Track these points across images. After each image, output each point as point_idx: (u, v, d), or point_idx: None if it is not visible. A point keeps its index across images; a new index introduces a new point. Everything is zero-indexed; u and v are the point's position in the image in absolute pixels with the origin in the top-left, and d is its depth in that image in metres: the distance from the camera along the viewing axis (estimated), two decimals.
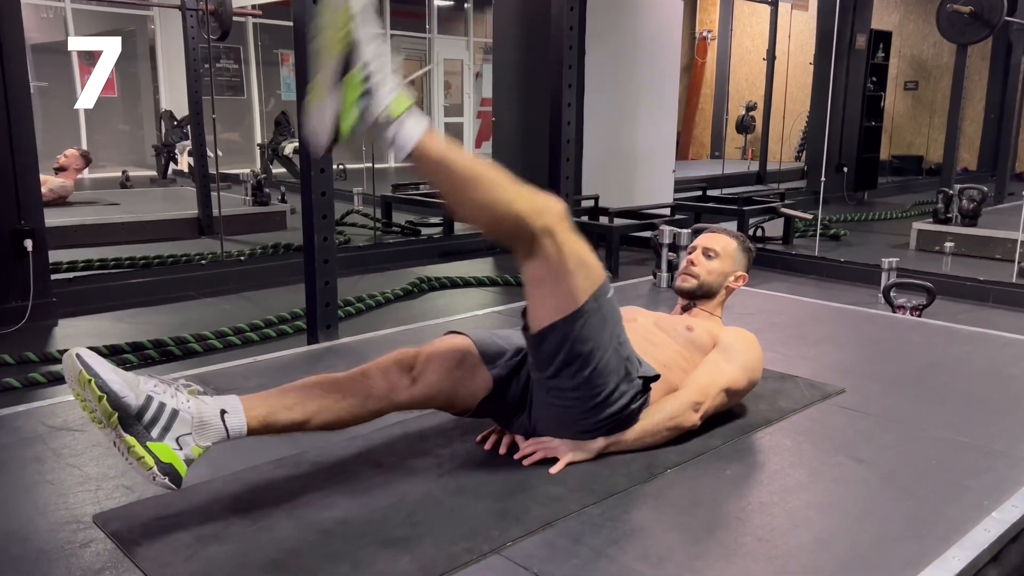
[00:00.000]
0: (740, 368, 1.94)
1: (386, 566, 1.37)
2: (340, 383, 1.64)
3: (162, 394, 1.44)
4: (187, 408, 1.45)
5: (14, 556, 1.40)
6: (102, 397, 1.38)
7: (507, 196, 1.53)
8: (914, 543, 1.47)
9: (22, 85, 3.47)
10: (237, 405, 1.52)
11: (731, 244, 2.19)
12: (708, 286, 2.16)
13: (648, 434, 1.78)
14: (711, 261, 2.16)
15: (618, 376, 1.70)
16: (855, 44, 8.10)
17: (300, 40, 2.59)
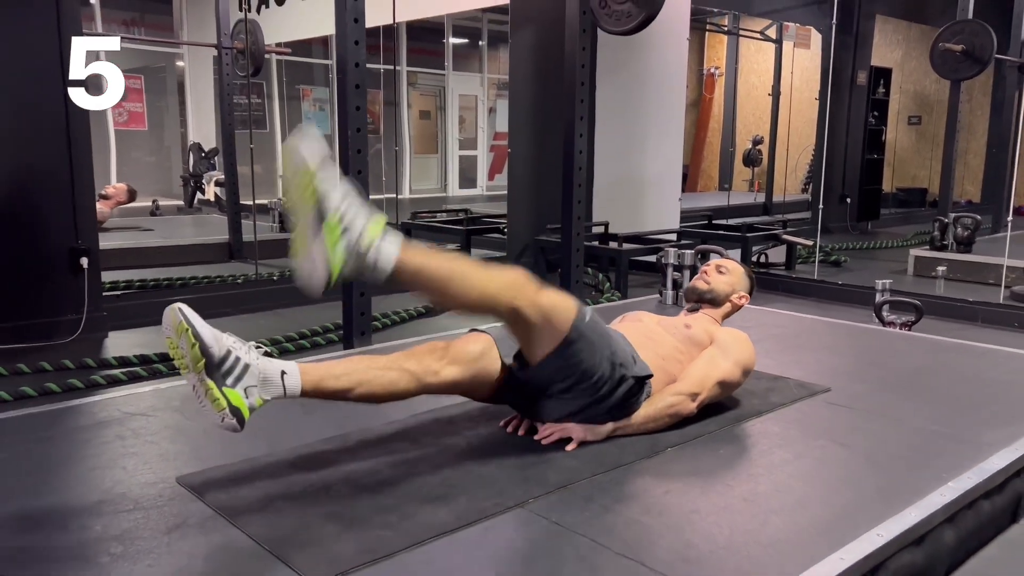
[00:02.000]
0: (734, 363, 2.20)
1: (427, 516, 1.62)
2: (381, 363, 1.89)
3: (238, 350, 1.68)
4: (256, 364, 1.70)
5: (116, 509, 1.66)
6: (195, 344, 1.62)
7: (479, 285, 1.79)
8: (880, 505, 1.71)
9: (82, 116, 3.80)
10: (295, 369, 1.77)
11: (739, 268, 2.58)
12: (717, 293, 2.48)
13: (651, 419, 2.04)
14: (723, 275, 2.52)
15: (613, 382, 1.97)
16: (856, 80, 8.42)
17: (343, 75, 2.89)
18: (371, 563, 1.44)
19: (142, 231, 6.58)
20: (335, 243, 1.66)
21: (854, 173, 8.42)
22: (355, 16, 2.87)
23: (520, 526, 1.60)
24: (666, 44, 5.96)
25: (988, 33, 5.95)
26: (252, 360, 1.69)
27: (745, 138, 11.97)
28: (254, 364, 1.69)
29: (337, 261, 1.67)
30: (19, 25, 3.58)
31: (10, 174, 3.66)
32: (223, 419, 1.63)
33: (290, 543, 1.50)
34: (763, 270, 5.86)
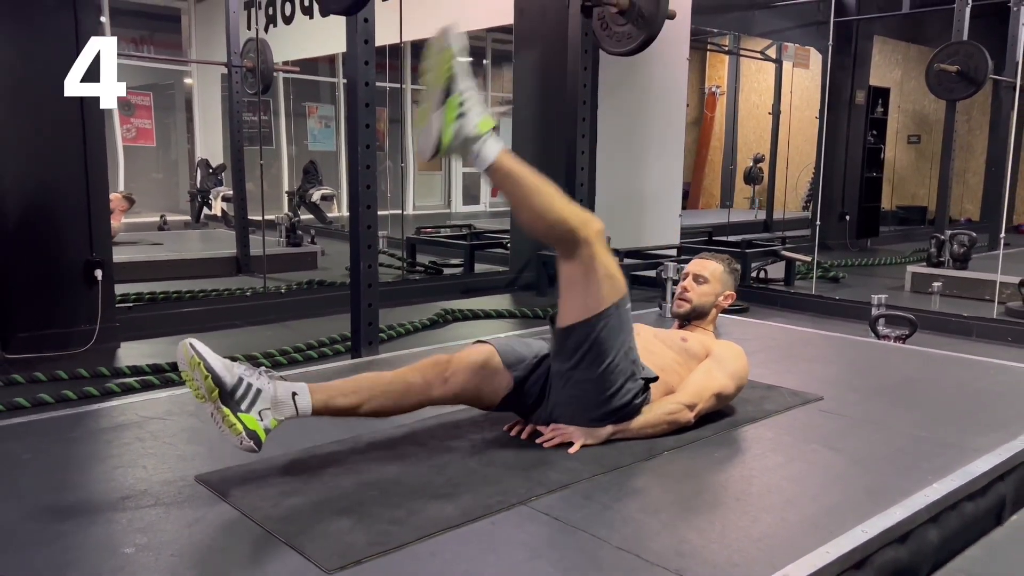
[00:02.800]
0: (730, 376, 2.28)
1: (434, 512, 1.70)
2: (387, 379, 2.01)
3: (249, 376, 1.82)
4: (268, 388, 1.83)
5: (139, 505, 1.75)
6: (207, 376, 1.76)
7: (560, 206, 1.93)
8: (867, 504, 1.79)
9: (98, 131, 3.91)
10: (305, 390, 1.89)
11: (718, 268, 2.52)
12: (700, 308, 2.50)
13: (649, 425, 2.12)
14: (702, 286, 2.49)
15: (625, 375, 2.05)
16: (855, 100, 8.54)
17: (352, 93, 3.00)
18: (381, 554, 1.52)
19: (150, 245, 6.69)
20: (452, 120, 1.84)
21: (853, 191, 8.53)
22: (365, 37, 2.98)
23: (523, 522, 1.68)
24: (667, 64, 6.08)
25: (983, 54, 6.06)
26: (263, 384, 1.81)
27: (746, 156, 12.08)
28: (266, 388, 1.81)
29: (448, 136, 1.84)
30: (38, 42, 3.70)
31: (29, 188, 3.76)
32: (241, 442, 1.76)
33: (304, 535, 1.59)
34: (762, 285, 5.94)
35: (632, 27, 3.73)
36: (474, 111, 1.85)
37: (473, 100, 1.87)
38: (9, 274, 3.72)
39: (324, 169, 9.26)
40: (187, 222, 9.22)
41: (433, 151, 1.86)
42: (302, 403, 1.87)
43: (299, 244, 6.84)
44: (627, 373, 2.06)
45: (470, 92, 1.87)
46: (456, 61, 1.86)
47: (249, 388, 1.80)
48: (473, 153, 1.86)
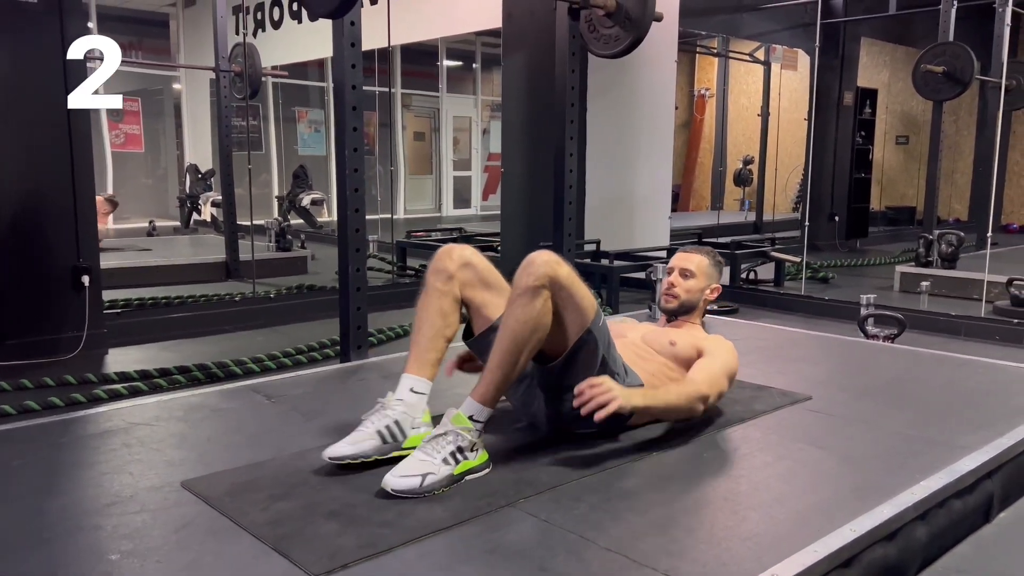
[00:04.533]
0: (725, 375, 2.26)
1: (423, 514, 1.70)
2: (425, 305, 2.09)
3: (378, 422, 1.93)
4: (398, 412, 1.95)
5: (125, 511, 1.73)
6: (361, 461, 1.90)
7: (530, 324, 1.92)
8: (855, 501, 1.80)
9: (84, 139, 3.90)
10: (412, 379, 2.00)
11: (703, 262, 2.46)
12: (688, 303, 2.46)
13: (671, 410, 2.10)
14: (688, 280, 2.44)
15: (618, 366, 2.08)
16: (843, 101, 8.59)
17: (340, 96, 3.00)
18: (370, 557, 1.52)
19: (140, 251, 6.66)
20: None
21: (842, 192, 8.57)
22: (352, 40, 2.97)
23: (512, 523, 1.68)
24: (655, 66, 6.10)
25: (968, 55, 6.10)
26: (392, 414, 1.95)
27: (736, 158, 12.13)
28: (396, 413, 1.95)
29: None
30: (24, 48, 3.68)
31: (15, 193, 3.74)
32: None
33: (292, 539, 1.58)
34: (752, 286, 5.96)
35: (619, 29, 3.74)
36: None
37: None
38: None
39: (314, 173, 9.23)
40: (177, 227, 9.17)
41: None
42: (421, 388, 2.00)
43: (289, 249, 6.83)
44: (619, 371, 2.09)
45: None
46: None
47: (390, 430, 1.93)
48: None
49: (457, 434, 1.84)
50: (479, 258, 2.18)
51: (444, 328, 2.07)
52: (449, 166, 12.93)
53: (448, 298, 2.10)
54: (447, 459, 1.81)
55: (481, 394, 1.90)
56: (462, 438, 1.84)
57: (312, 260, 6.74)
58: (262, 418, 2.43)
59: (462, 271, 2.12)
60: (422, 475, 1.77)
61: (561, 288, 1.94)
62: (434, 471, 1.78)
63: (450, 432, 1.84)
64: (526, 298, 1.91)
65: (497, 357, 1.91)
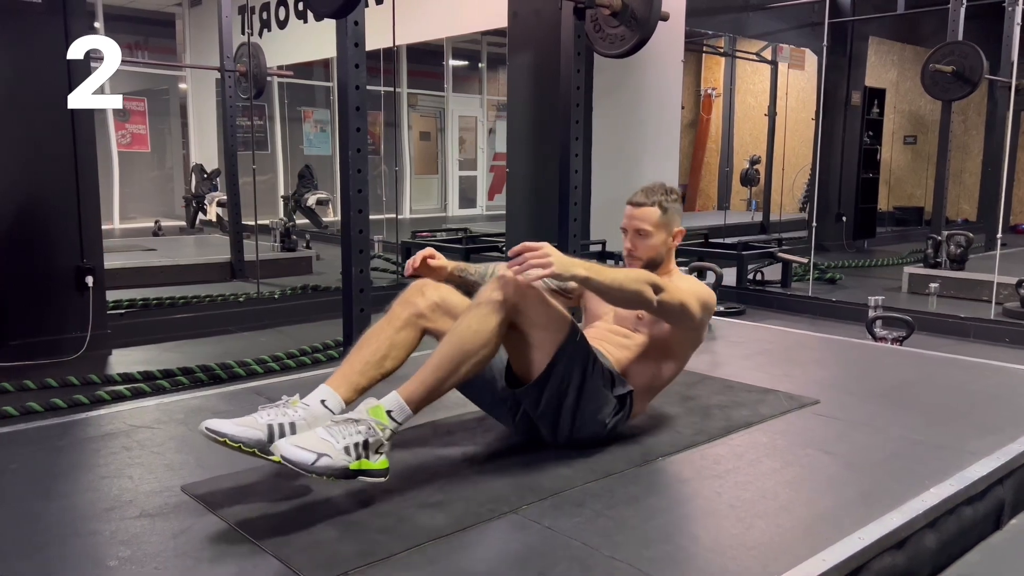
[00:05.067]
0: (692, 295, 2.07)
1: (425, 520, 1.68)
2: (379, 330, 1.97)
3: (274, 416, 1.77)
4: (298, 416, 1.79)
5: (124, 516, 1.72)
6: (238, 446, 1.72)
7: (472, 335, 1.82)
8: (863, 509, 1.77)
9: (88, 139, 3.89)
10: (328, 391, 1.85)
11: (655, 215, 2.19)
12: (652, 260, 2.23)
13: (616, 286, 1.86)
14: (646, 239, 2.20)
15: (609, 375, 2.03)
16: (850, 101, 8.53)
17: (343, 96, 2.98)
18: (370, 564, 1.50)
19: (145, 251, 6.66)
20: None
21: (850, 192, 8.51)
22: (356, 40, 2.96)
23: (514, 530, 1.65)
24: (661, 65, 6.06)
25: (978, 54, 6.05)
26: (292, 416, 1.78)
27: (742, 158, 12.08)
28: (296, 417, 1.78)
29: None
30: (28, 49, 3.67)
31: (19, 194, 3.74)
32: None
33: (291, 546, 1.56)
34: (759, 287, 5.92)
35: (625, 29, 3.71)
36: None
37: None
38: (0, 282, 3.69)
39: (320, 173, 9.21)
40: (182, 227, 9.18)
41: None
42: (332, 404, 1.84)
43: (294, 249, 6.82)
44: (607, 380, 2.03)
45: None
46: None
47: (282, 428, 1.76)
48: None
49: (370, 427, 1.69)
50: (454, 296, 2.04)
51: (386, 359, 1.92)
52: (455, 166, 12.91)
53: (407, 332, 1.96)
54: (348, 449, 1.66)
55: (409, 392, 1.76)
56: (373, 432, 1.69)
57: (317, 260, 6.74)
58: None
59: (433, 312, 1.99)
60: (318, 454, 1.62)
61: (528, 308, 1.85)
62: (331, 455, 1.63)
63: (363, 422, 1.70)
64: (485, 309, 1.82)
65: (436, 360, 1.79)
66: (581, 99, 3.83)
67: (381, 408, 1.73)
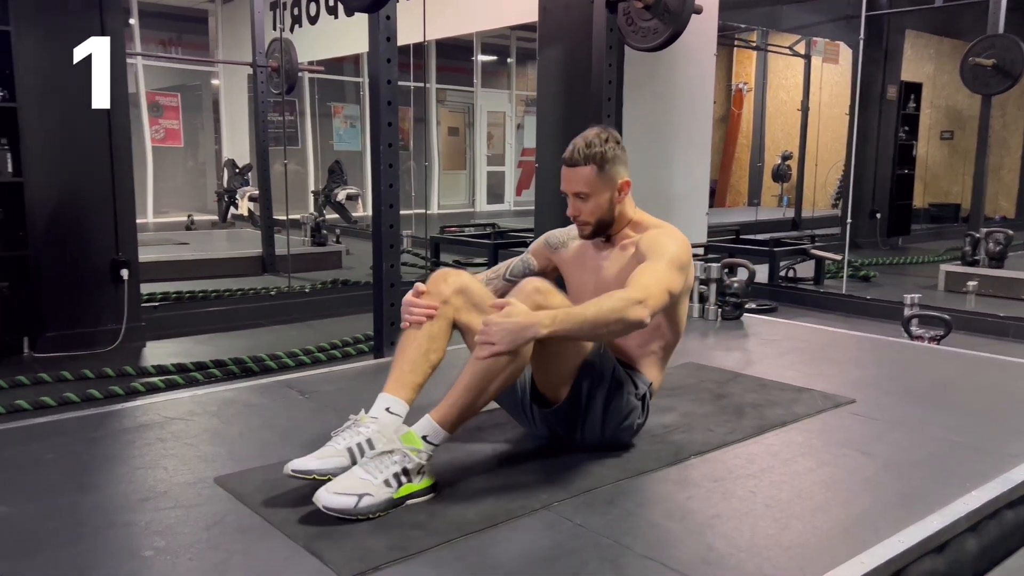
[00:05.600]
0: (670, 271, 1.91)
1: (455, 516, 1.67)
2: (413, 328, 1.96)
3: (349, 439, 1.77)
4: (371, 431, 1.79)
5: (158, 507, 1.73)
6: (328, 478, 1.70)
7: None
8: (902, 511, 1.73)
9: (124, 134, 3.94)
10: (389, 398, 1.86)
11: (590, 174, 2.02)
12: (601, 221, 2.08)
13: (600, 324, 1.75)
14: (586, 203, 2.05)
15: (632, 387, 2.01)
16: (886, 95, 8.39)
17: (375, 91, 2.98)
18: (401, 559, 1.49)
19: (178, 245, 6.74)
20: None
21: (884, 188, 8.37)
22: (387, 35, 2.95)
23: (545, 527, 1.64)
24: (693, 60, 6.00)
25: (1019, 47, 5.91)
26: (366, 432, 1.78)
27: (774, 153, 11.94)
28: (369, 432, 1.78)
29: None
30: (65, 44, 3.72)
31: (57, 189, 3.80)
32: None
33: (323, 539, 1.56)
34: (791, 285, 5.85)
35: (658, 22, 3.67)
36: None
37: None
38: (38, 274, 3.75)
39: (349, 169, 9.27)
40: (214, 222, 9.29)
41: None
42: (398, 409, 1.84)
43: (324, 243, 6.86)
44: (630, 384, 2.01)
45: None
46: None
47: (360, 447, 1.76)
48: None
49: (404, 454, 1.69)
50: (475, 284, 2.04)
51: (430, 352, 1.92)
52: (483, 161, 12.91)
53: (439, 322, 1.95)
54: (388, 481, 1.66)
55: (442, 415, 1.73)
56: (409, 459, 1.68)
57: (347, 255, 6.77)
58: (295, 414, 2.43)
59: (456, 297, 1.98)
60: (358, 495, 1.63)
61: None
62: (372, 492, 1.64)
63: (397, 451, 1.69)
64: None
65: (466, 379, 1.75)
66: (613, 93, 3.81)
67: (414, 434, 1.73)
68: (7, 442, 2.14)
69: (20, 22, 3.60)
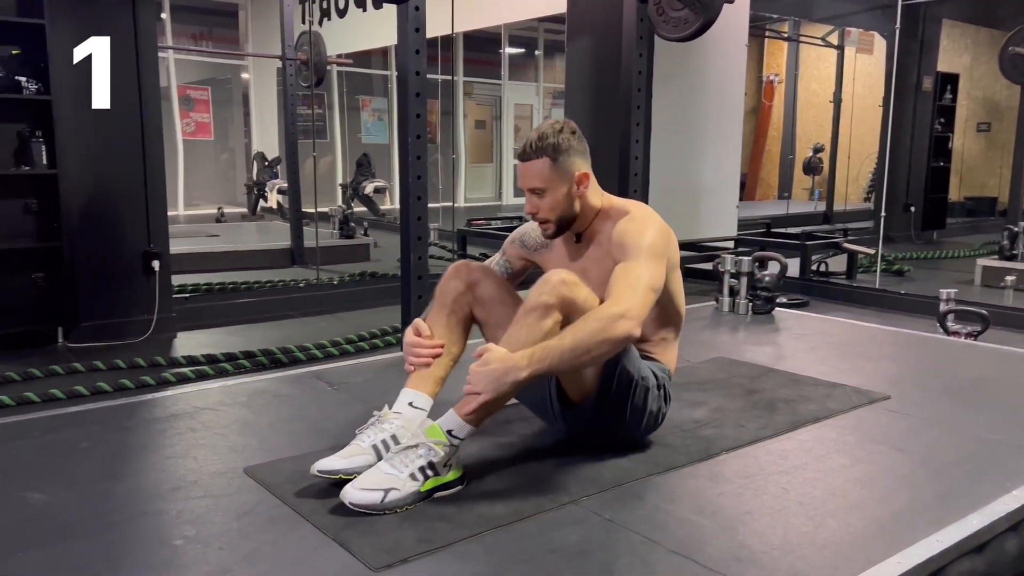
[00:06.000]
0: (650, 260, 1.82)
1: (484, 509, 1.66)
2: (433, 321, 1.98)
3: (374, 436, 1.79)
4: (395, 426, 1.81)
5: (189, 496, 1.74)
6: (354, 476, 1.69)
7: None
8: (940, 510, 1.69)
9: (155, 126, 3.98)
10: (412, 392, 1.88)
11: (544, 168, 1.90)
12: (562, 218, 1.96)
13: (582, 350, 1.68)
14: (543, 198, 1.93)
15: (653, 380, 1.97)
16: (921, 86, 8.22)
17: (403, 83, 2.97)
18: (430, 552, 1.49)
19: (208, 237, 6.81)
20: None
21: (919, 181, 8.21)
22: (416, 26, 2.95)
23: (574, 522, 1.63)
24: (724, 50, 5.93)
25: None
26: (390, 428, 1.79)
27: (805, 146, 11.77)
28: (393, 428, 1.79)
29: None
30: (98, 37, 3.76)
31: (91, 181, 3.84)
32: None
33: (352, 530, 1.56)
34: (823, 279, 5.77)
35: (689, 12, 3.62)
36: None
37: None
38: (71, 265, 3.81)
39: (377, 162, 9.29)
40: (244, 214, 9.37)
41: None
42: (422, 403, 1.87)
43: (352, 236, 6.89)
44: (651, 378, 1.97)
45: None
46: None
47: (385, 444, 1.77)
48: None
49: (429, 448, 1.67)
50: (492, 276, 2.04)
51: (451, 345, 1.94)
52: (510, 154, 12.88)
53: (457, 316, 1.97)
54: (415, 474, 1.65)
55: (466, 410, 1.70)
56: (434, 453, 1.67)
57: (375, 247, 6.80)
58: (324, 405, 2.44)
59: (473, 289, 1.99)
60: (384, 490, 1.62)
61: (577, 312, 1.74)
62: (398, 487, 1.63)
63: (422, 445, 1.68)
64: (534, 316, 1.74)
65: None
66: (643, 84, 3.77)
67: (438, 428, 1.72)
68: (43, 429, 2.17)
69: (54, 16, 3.64)
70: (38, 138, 3.69)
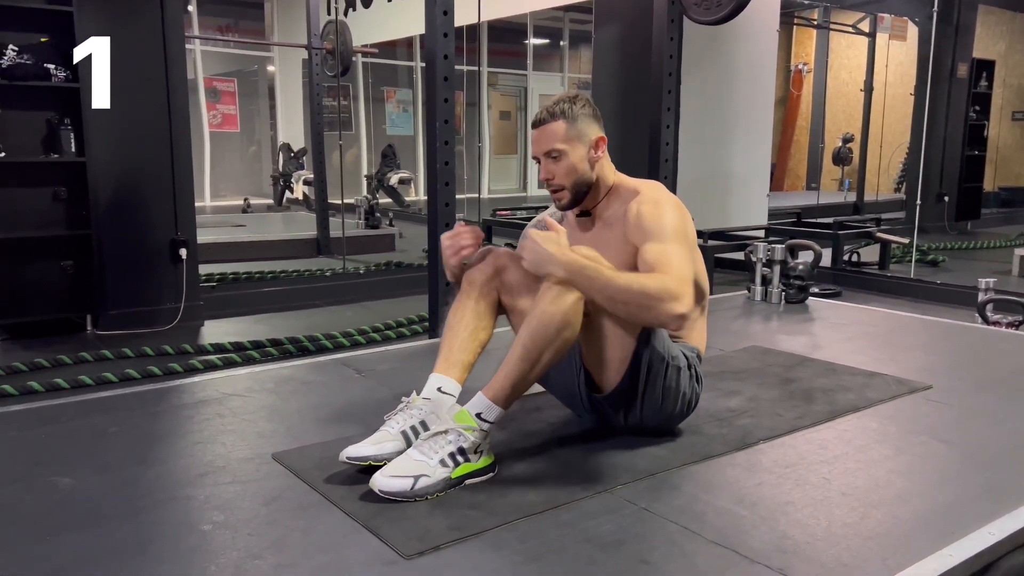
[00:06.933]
0: (683, 246, 1.81)
1: (516, 497, 1.62)
2: (460, 307, 1.94)
3: (403, 422, 1.75)
4: (424, 412, 1.77)
5: (217, 482, 1.72)
6: (383, 463, 1.67)
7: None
8: (989, 503, 1.63)
9: (183, 115, 3.98)
10: (440, 378, 1.83)
11: (561, 128, 1.89)
12: (578, 184, 1.94)
13: (625, 299, 1.67)
14: (559, 163, 1.91)
15: (683, 361, 1.92)
16: (956, 73, 8.05)
17: (431, 67, 2.94)
18: (460, 540, 1.45)
19: (235, 227, 6.84)
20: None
21: (953, 170, 8.05)
22: (444, 8, 2.91)
23: (609, 511, 1.58)
24: (754, 37, 5.83)
25: None
26: (419, 414, 1.76)
27: (835, 136, 11.59)
28: (422, 414, 1.76)
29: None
30: (126, 30, 3.76)
31: (119, 171, 3.86)
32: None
33: (381, 517, 1.53)
34: (855, 269, 5.66)
35: None
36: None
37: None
38: (100, 253, 3.82)
39: (402, 153, 9.29)
40: (270, 205, 9.43)
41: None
42: (450, 388, 1.83)
43: (377, 226, 6.89)
44: (683, 361, 1.91)
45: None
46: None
47: (415, 430, 1.74)
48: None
49: (459, 433, 1.65)
50: (519, 262, 1.93)
51: (478, 330, 1.89)
52: None
53: (485, 301, 1.93)
54: (444, 460, 1.63)
55: (494, 391, 1.68)
56: (464, 438, 1.64)
57: (400, 238, 6.79)
58: (351, 392, 2.41)
59: (498, 276, 1.94)
60: (414, 476, 1.60)
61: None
62: (428, 473, 1.60)
63: (451, 431, 1.65)
64: (556, 290, 1.69)
65: (517, 351, 1.69)
66: (673, 69, 3.70)
67: (466, 413, 1.68)
68: (72, 415, 2.17)
69: (83, 4, 3.65)
70: (67, 126, 3.70)
